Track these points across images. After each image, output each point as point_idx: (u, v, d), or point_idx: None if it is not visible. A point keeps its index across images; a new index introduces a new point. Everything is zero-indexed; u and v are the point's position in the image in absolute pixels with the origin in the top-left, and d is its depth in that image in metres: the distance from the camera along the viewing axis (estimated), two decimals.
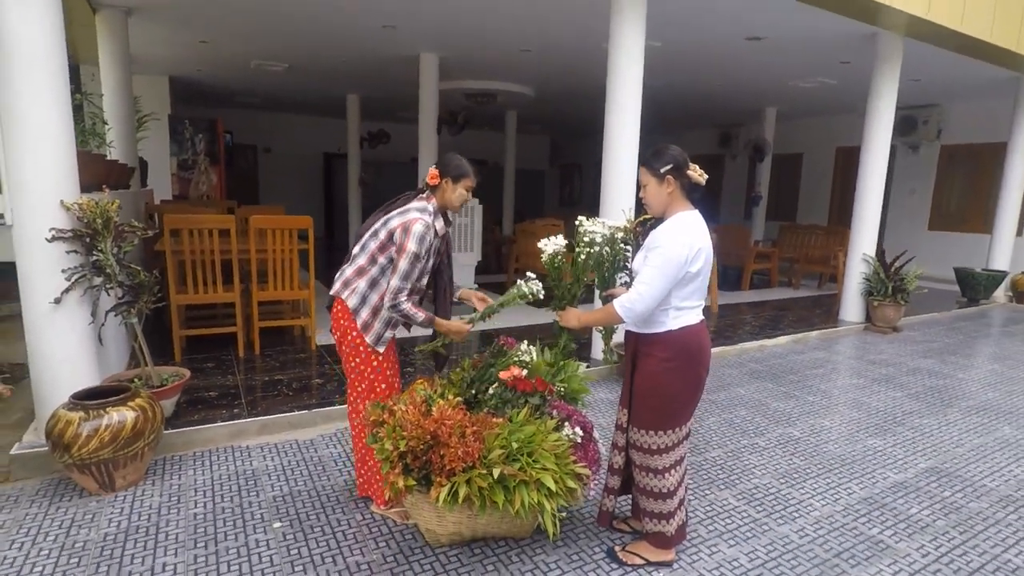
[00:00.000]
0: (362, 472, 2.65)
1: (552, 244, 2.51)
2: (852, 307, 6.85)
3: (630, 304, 2.10)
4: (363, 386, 2.52)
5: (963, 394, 4.61)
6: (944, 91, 9.23)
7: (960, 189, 10.42)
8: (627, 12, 4.55)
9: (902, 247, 10.30)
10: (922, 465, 3.35)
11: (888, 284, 6.49)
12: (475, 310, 2.57)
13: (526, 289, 2.43)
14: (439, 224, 2.50)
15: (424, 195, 2.51)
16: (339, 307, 2.49)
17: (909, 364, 5.39)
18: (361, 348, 2.47)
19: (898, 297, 6.48)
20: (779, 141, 12.11)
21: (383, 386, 2.52)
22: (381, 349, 2.50)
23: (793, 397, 4.39)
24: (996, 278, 8.40)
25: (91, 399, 2.69)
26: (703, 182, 2.16)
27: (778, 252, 9.48)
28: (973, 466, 3.36)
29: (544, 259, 2.52)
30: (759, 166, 11.97)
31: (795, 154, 12.74)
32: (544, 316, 6.40)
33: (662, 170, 2.13)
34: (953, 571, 2.40)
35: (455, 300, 2.73)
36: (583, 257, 2.46)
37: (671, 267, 2.04)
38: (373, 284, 2.44)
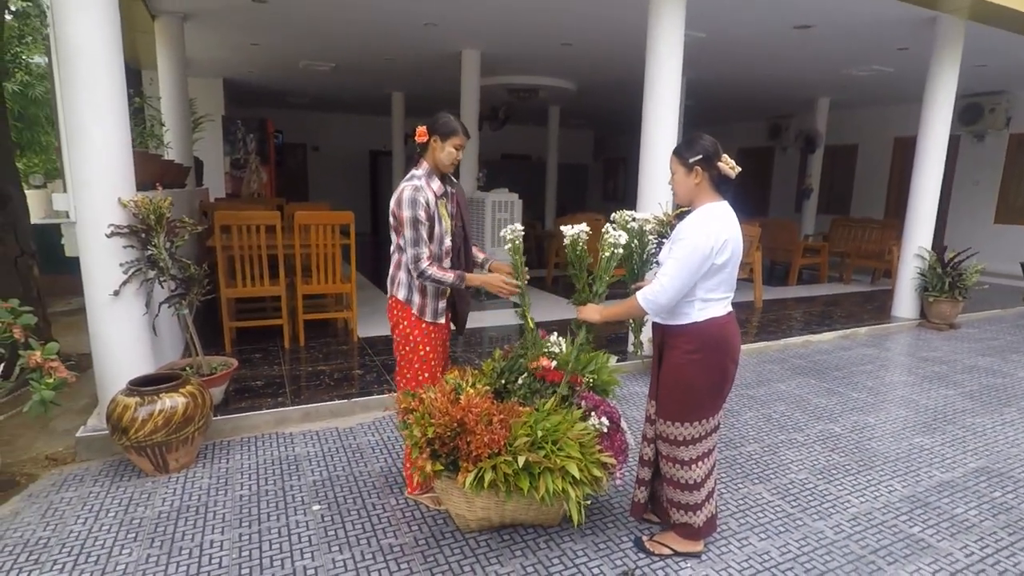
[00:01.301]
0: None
1: (574, 229, 2.49)
2: (906, 303, 6.57)
3: (653, 296, 2.10)
4: (409, 374, 2.58)
5: (1023, 393, 4.38)
6: (1013, 77, 8.70)
7: None
8: (665, 3, 4.50)
9: (965, 241, 9.84)
10: (972, 465, 3.21)
11: (945, 279, 6.20)
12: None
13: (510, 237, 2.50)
14: (435, 184, 2.46)
15: (417, 163, 2.50)
16: (391, 302, 2.58)
17: (965, 362, 5.15)
18: (411, 337, 2.54)
19: (955, 293, 6.18)
20: (832, 132, 11.67)
21: (426, 375, 2.58)
22: (441, 320, 2.57)
23: (837, 394, 4.26)
24: None
25: (147, 386, 2.87)
26: (733, 175, 2.13)
27: (828, 246, 9.17)
28: None
29: (565, 243, 2.50)
30: (810, 158, 11.58)
31: (849, 145, 12.26)
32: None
33: (691, 160, 2.11)
34: (999, 572, 2.31)
35: (486, 269, 2.74)
36: (607, 254, 2.42)
37: (695, 259, 2.03)
38: (408, 269, 2.51)
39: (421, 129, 2.44)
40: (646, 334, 2.76)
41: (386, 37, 7.19)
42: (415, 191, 2.38)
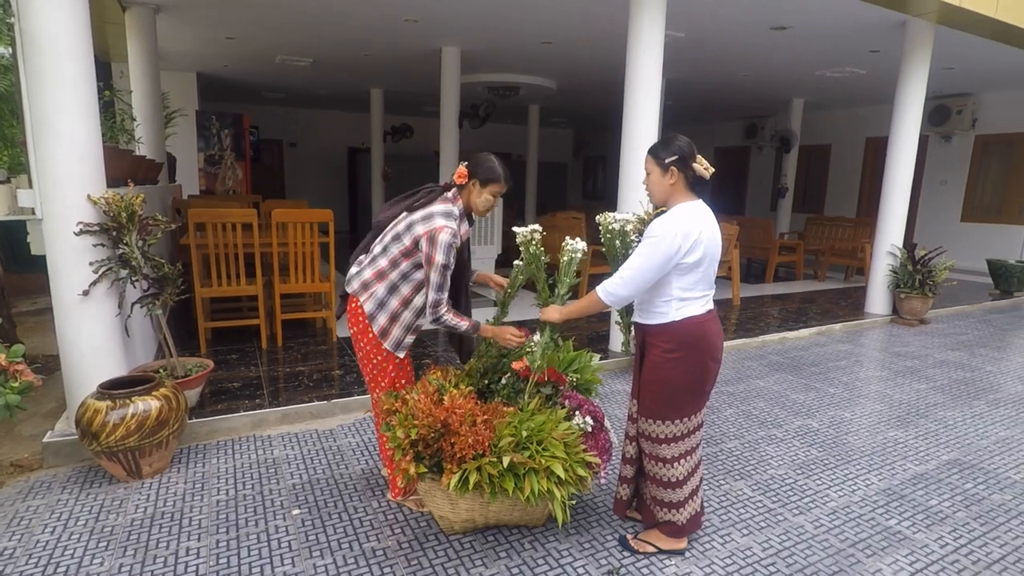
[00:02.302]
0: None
1: (526, 228, 2.53)
2: (878, 299, 6.71)
3: (612, 288, 2.11)
4: (384, 382, 2.49)
5: (991, 386, 4.50)
6: (979, 80, 8.94)
7: (995, 180, 10.11)
8: (646, 2, 4.51)
9: (934, 239, 10.08)
10: (944, 457, 3.29)
11: (916, 276, 6.34)
12: (496, 293, 2.61)
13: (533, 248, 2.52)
14: (464, 228, 2.40)
15: (450, 194, 2.40)
16: (357, 308, 2.42)
17: (936, 356, 5.28)
18: (383, 346, 2.44)
19: (926, 289, 6.32)
20: (807, 132, 11.86)
21: (403, 381, 2.52)
22: (401, 355, 2.47)
23: (814, 389, 4.33)
24: None
25: (118, 389, 2.78)
26: (707, 176, 2.14)
27: (804, 244, 9.32)
28: (998, 458, 3.29)
29: (519, 241, 2.52)
30: (785, 158, 11.76)
31: (823, 145, 12.49)
32: None
33: (666, 160, 2.12)
34: (972, 562, 2.36)
35: (472, 282, 2.72)
36: (566, 259, 2.44)
37: (657, 255, 2.03)
38: (393, 289, 2.38)
39: (462, 170, 2.37)
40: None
41: (365, 32, 7.11)
42: (453, 237, 2.27)
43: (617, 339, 4.91)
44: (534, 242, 2.53)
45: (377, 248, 2.44)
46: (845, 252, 9.11)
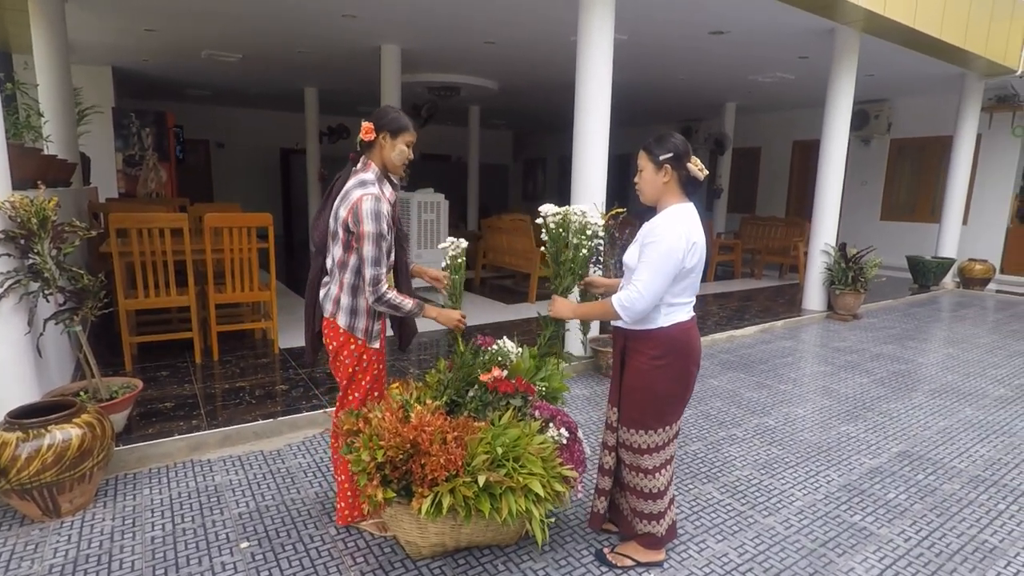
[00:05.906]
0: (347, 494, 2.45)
1: (451, 246, 2.50)
2: (815, 296, 6.98)
3: (629, 303, 2.01)
4: (357, 394, 2.32)
5: (924, 378, 4.72)
6: (894, 86, 9.51)
7: (909, 181, 10.78)
8: (597, 5, 4.47)
9: (857, 237, 10.62)
10: (894, 449, 3.39)
11: (848, 273, 6.64)
12: (435, 290, 2.53)
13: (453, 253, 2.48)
14: (387, 190, 2.23)
15: (358, 166, 2.22)
16: (330, 323, 2.27)
17: (872, 350, 5.51)
18: (363, 358, 2.29)
19: (858, 285, 6.63)
20: (738, 135, 12.28)
21: (376, 394, 2.36)
22: (375, 345, 2.31)
23: (765, 386, 4.41)
24: (945, 265, 8.72)
25: (31, 417, 2.46)
26: (702, 177, 2.08)
27: (740, 244, 9.63)
28: (942, 448, 3.43)
29: (450, 255, 2.48)
30: (720, 159, 12.13)
31: (754, 148, 12.97)
32: (517, 312, 6.31)
33: (661, 158, 2.04)
34: (935, 555, 2.41)
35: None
36: (584, 252, 2.36)
37: (668, 263, 1.96)
38: (354, 291, 2.22)
39: (367, 125, 2.17)
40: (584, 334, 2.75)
41: (300, 27, 6.77)
42: (377, 202, 2.10)
43: (571, 341, 4.81)
44: (459, 257, 2.50)
45: (329, 262, 2.28)
46: (779, 251, 9.47)
